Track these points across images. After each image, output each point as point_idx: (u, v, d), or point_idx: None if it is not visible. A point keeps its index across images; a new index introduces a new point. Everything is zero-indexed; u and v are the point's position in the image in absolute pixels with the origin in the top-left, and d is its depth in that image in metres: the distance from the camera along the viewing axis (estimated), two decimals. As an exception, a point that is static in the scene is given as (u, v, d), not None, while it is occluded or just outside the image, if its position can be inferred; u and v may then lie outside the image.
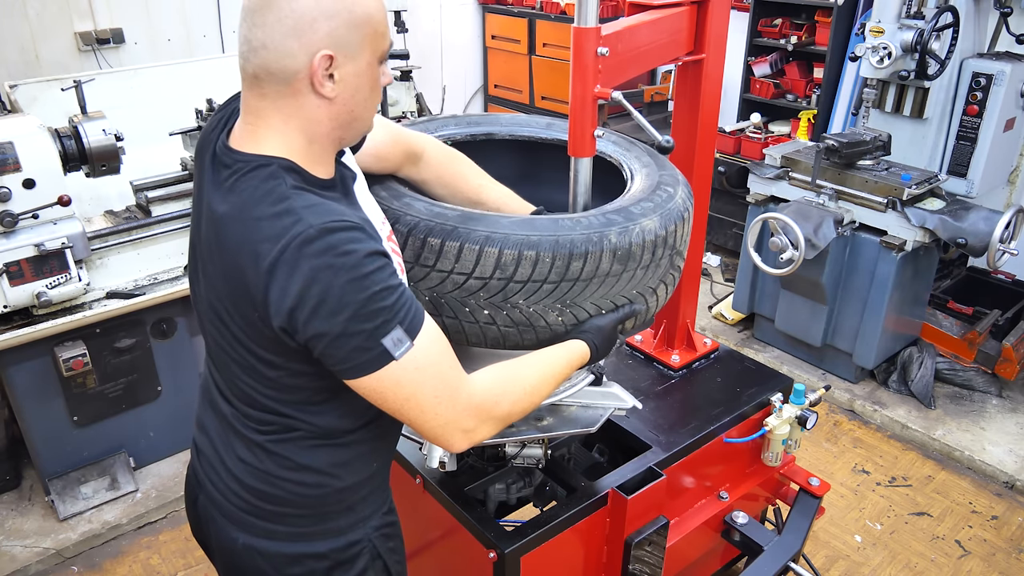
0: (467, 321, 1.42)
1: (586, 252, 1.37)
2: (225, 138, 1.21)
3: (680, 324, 2.39)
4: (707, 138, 2.18)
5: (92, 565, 2.77)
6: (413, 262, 1.39)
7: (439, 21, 5.53)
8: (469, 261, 1.36)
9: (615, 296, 1.47)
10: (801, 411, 2.20)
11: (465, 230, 1.36)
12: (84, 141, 2.49)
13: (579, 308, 1.44)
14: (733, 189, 4.50)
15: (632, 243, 1.42)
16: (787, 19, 4.48)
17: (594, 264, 1.39)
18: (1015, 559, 2.82)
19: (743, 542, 2.21)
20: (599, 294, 1.44)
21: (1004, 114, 3.48)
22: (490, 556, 1.66)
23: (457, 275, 1.37)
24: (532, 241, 1.35)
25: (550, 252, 1.36)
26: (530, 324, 1.43)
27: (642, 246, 1.44)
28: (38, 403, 2.77)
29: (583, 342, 1.45)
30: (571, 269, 1.38)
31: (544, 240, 1.36)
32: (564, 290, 1.40)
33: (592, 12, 1.48)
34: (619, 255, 1.41)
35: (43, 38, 3.76)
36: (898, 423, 3.47)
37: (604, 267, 1.40)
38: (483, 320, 1.42)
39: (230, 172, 1.16)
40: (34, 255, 2.53)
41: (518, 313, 1.41)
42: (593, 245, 1.38)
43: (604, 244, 1.39)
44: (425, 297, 1.42)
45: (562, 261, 1.36)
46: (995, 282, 3.94)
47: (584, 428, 1.69)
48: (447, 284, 1.39)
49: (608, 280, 1.43)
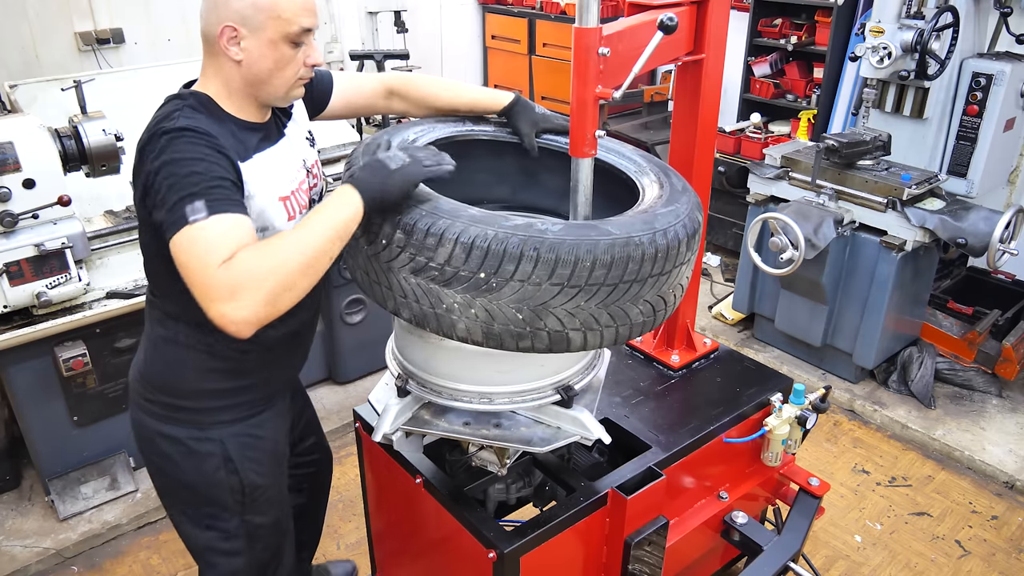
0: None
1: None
2: None
3: (680, 324, 2.39)
4: (707, 138, 2.18)
5: (92, 565, 2.77)
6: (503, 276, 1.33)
7: (439, 21, 5.53)
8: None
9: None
10: (801, 411, 2.20)
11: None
12: (84, 141, 2.49)
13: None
14: (733, 189, 4.50)
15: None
16: (787, 19, 4.48)
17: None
18: (1015, 559, 2.82)
19: (743, 542, 2.21)
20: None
21: (1004, 114, 3.48)
22: (489, 556, 1.66)
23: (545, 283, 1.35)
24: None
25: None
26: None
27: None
28: (38, 403, 2.77)
29: (348, 185, 1.41)
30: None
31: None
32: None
33: (593, 12, 1.48)
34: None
35: (43, 38, 3.75)
36: (898, 423, 3.47)
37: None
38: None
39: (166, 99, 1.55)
40: (34, 255, 2.52)
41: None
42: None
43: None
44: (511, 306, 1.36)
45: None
46: (995, 282, 3.94)
47: (531, 447, 1.62)
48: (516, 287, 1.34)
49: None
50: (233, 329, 1.29)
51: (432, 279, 1.35)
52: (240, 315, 1.28)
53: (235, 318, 1.28)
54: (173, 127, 1.42)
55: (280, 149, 1.63)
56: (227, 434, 1.67)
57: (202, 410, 1.66)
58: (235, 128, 1.53)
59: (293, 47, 1.51)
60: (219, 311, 1.29)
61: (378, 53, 3.91)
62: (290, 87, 1.56)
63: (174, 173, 1.37)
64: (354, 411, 2.10)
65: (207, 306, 1.30)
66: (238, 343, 1.43)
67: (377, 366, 3.69)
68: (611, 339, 1.43)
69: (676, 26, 1.58)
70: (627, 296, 1.38)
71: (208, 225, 1.34)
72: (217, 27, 1.47)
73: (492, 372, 1.59)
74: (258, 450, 1.72)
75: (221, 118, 1.52)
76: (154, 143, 1.42)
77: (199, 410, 1.66)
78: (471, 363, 1.59)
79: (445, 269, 1.33)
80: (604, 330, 1.40)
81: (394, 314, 1.48)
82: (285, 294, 1.32)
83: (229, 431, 1.67)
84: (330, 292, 3.41)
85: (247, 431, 1.69)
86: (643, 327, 1.47)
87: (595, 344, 1.43)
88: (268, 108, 1.63)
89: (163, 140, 1.41)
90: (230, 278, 1.29)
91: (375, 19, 4.38)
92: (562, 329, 1.37)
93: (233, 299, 1.28)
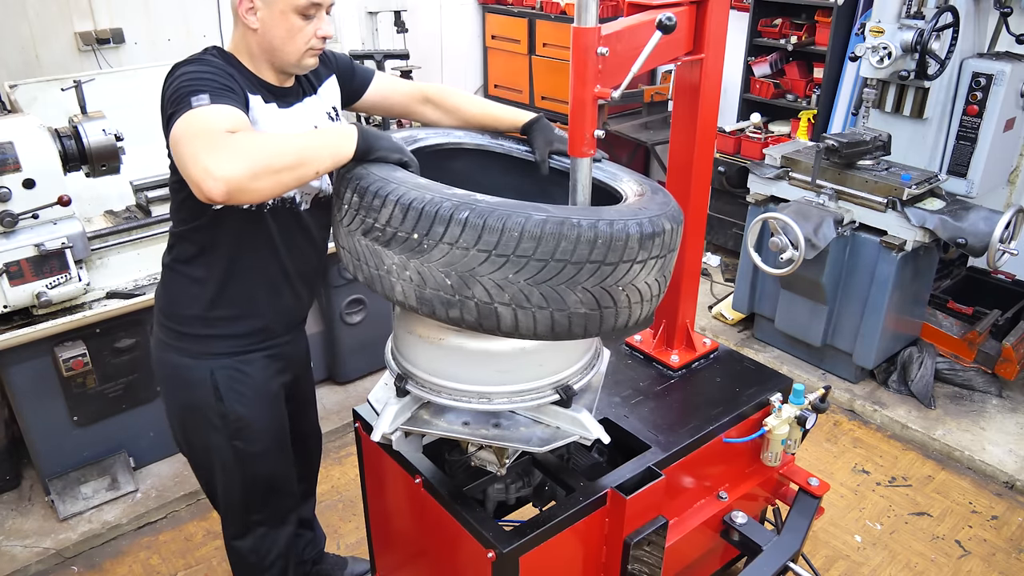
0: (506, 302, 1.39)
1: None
2: None
3: (680, 324, 2.39)
4: (707, 138, 2.18)
5: (92, 565, 2.77)
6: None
7: (439, 21, 5.53)
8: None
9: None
10: (800, 411, 2.20)
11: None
12: (84, 141, 2.49)
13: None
14: (733, 189, 4.50)
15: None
16: (787, 19, 4.48)
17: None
18: (1015, 559, 2.82)
19: (742, 542, 2.21)
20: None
21: (1004, 114, 3.48)
22: (489, 556, 1.66)
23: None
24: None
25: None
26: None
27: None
28: (38, 403, 2.77)
29: (353, 125, 1.56)
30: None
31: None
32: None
33: (592, 12, 1.47)
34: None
35: (43, 38, 3.75)
36: (898, 423, 3.47)
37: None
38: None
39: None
40: (34, 255, 2.53)
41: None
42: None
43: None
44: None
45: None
46: (995, 282, 3.94)
47: (529, 446, 1.62)
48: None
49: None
50: (210, 184, 1.35)
51: (376, 239, 1.43)
52: (221, 171, 1.35)
53: (216, 172, 1.35)
54: (190, 59, 1.64)
55: (293, 112, 1.78)
56: (216, 366, 1.86)
57: (197, 337, 1.85)
58: (252, 83, 1.70)
59: (303, 19, 1.65)
60: (204, 164, 1.36)
61: (378, 53, 3.91)
62: (301, 56, 1.70)
63: (184, 80, 1.53)
64: (354, 411, 2.10)
65: (194, 161, 1.38)
66: (223, 269, 1.76)
67: (377, 366, 3.69)
68: (547, 324, 1.40)
69: (675, 26, 1.58)
70: (560, 277, 1.36)
71: (211, 108, 1.47)
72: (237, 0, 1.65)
73: (491, 372, 1.59)
74: (244, 384, 1.89)
75: (242, 72, 1.70)
76: (174, 71, 1.60)
77: (195, 337, 1.85)
78: (470, 362, 1.58)
79: (386, 229, 1.40)
80: (537, 311, 1.38)
81: (355, 278, 1.55)
82: (266, 176, 1.40)
83: (218, 363, 1.86)
84: (330, 292, 3.41)
85: (234, 366, 1.87)
86: (587, 321, 1.42)
87: (528, 327, 1.40)
88: (289, 76, 1.78)
89: (182, 67, 1.59)
90: (224, 141, 1.40)
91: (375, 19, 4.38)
92: (490, 301, 1.37)
93: (220, 155, 1.37)
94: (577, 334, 1.44)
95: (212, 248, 1.78)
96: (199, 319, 1.84)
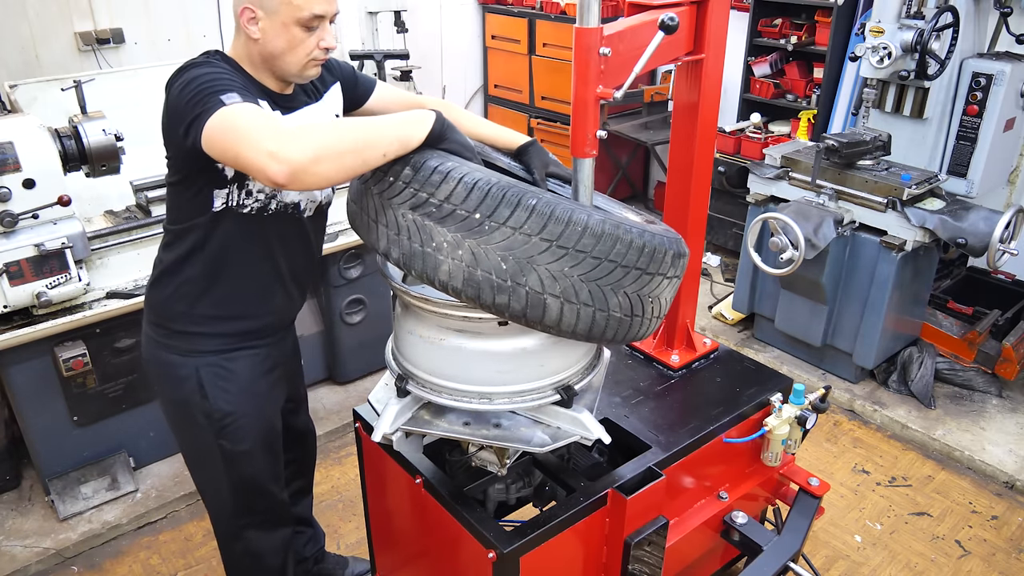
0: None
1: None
2: None
3: (680, 324, 2.39)
4: (707, 138, 2.18)
5: (92, 565, 2.77)
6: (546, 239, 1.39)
7: (439, 21, 5.53)
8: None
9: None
10: (801, 411, 2.20)
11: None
12: (84, 141, 2.49)
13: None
14: (733, 189, 4.50)
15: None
16: (787, 19, 4.48)
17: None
18: (1015, 559, 2.82)
19: (742, 542, 2.21)
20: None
21: (1004, 114, 3.48)
22: (489, 556, 1.66)
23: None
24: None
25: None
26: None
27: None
28: (38, 403, 2.77)
29: (431, 112, 1.50)
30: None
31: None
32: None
33: (594, 12, 1.48)
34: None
35: (43, 38, 3.75)
36: (898, 423, 3.47)
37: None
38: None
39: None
40: (34, 255, 2.52)
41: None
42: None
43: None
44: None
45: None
46: (995, 282, 3.94)
47: (530, 447, 1.63)
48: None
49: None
50: (275, 168, 1.35)
51: (428, 215, 1.40)
52: (286, 153, 1.34)
53: (281, 155, 1.34)
54: (194, 63, 1.62)
55: (297, 118, 1.77)
56: (202, 363, 1.85)
57: (185, 334, 1.84)
58: (256, 88, 1.70)
59: (306, 31, 1.65)
60: (267, 148, 1.36)
61: (378, 53, 3.91)
62: (303, 67, 1.70)
63: (206, 80, 1.53)
64: (354, 411, 2.10)
65: (255, 147, 1.37)
66: (216, 269, 1.77)
67: (377, 366, 3.69)
68: (587, 322, 1.43)
69: (677, 26, 1.58)
70: (610, 278, 1.41)
71: (247, 105, 1.48)
72: (239, 7, 1.65)
73: (492, 372, 1.59)
74: (228, 381, 1.88)
75: (245, 77, 1.69)
76: (179, 74, 1.59)
77: (183, 334, 1.84)
78: (471, 363, 1.59)
79: (444, 206, 1.38)
80: (581, 308, 1.41)
81: (384, 255, 1.51)
82: (328, 160, 1.38)
83: (204, 360, 1.85)
84: (330, 292, 3.41)
85: (219, 363, 1.86)
86: (618, 325, 1.47)
87: (570, 322, 1.42)
88: (289, 84, 1.78)
89: (189, 71, 1.58)
90: (283, 127, 1.41)
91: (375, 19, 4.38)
92: (542, 291, 1.38)
93: (281, 139, 1.37)
94: (608, 337, 1.49)
95: (207, 248, 1.78)
96: (188, 317, 1.83)
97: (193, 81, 1.53)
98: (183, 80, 1.56)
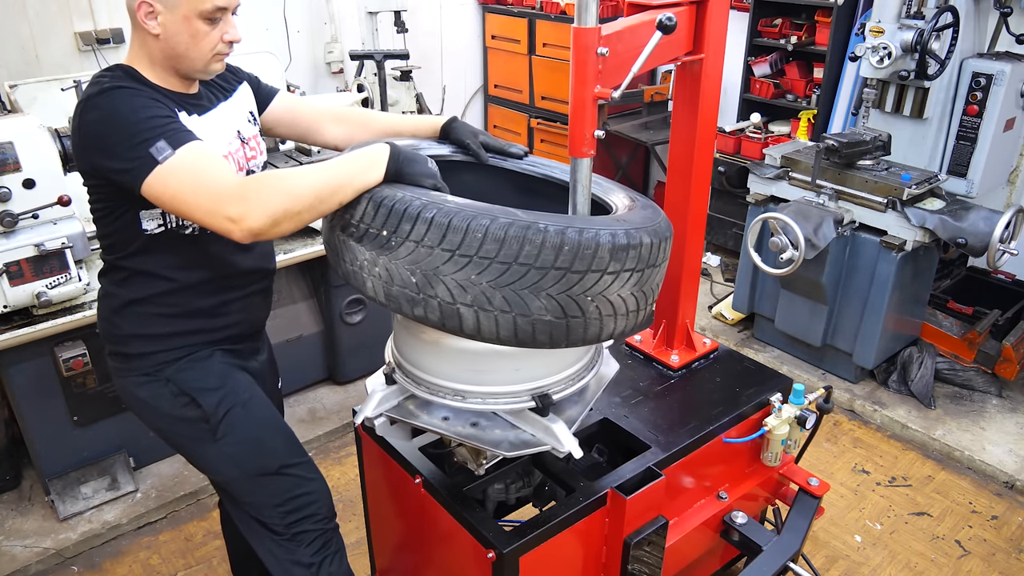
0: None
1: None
2: None
3: (679, 324, 2.39)
4: (707, 138, 2.18)
5: (92, 565, 2.77)
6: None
7: (439, 21, 5.52)
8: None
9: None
10: (800, 411, 2.20)
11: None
12: (84, 141, 2.49)
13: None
14: (733, 189, 4.50)
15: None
16: (787, 19, 4.48)
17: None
18: (1015, 559, 2.82)
19: (742, 542, 2.21)
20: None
21: (1004, 114, 3.48)
22: (489, 556, 1.66)
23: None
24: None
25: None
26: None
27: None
28: (38, 403, 2.77)
29: (385, 147, 1.51)
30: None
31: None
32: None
33: (592, 12, 1.47)
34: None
35: (43, 38, 3.75)
36: (898, 423, 3.47)
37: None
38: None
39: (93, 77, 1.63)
40: (34, 255, 2.53)
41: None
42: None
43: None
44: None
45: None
46: (995, 282, 3.94)
47: (499, 449, 1.61)
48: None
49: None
50: (238, 234, 1.40)
51: (350, 235, 1.46)
52: (246, 222, 1.39)
53: (242, 224, 1.39)
54: (105, 88, 1.53)
55: (210, 119, 1.72)
56: (170, 372, 1.77)
57: (142, 355, 1.77)
58: (160, 95, 1.61)
59: (208, 23, 1.59)
60: (225, 215, 1.39)
61: (378, 53, 3.91)
62: (208, 61, 1.64)
63: (120, 124, 1.47)
64: (354, 411, 2.10)
65: (215, 211, 1.40)
66: (164, 290, 1.71)
67: (377, 366, 3.64)
68: (510, 329, 1.38)
69: (675, 26, 1.58)
70: (523, 282, 1.34)
71: (183, 154, 1.46)
72: (134, 2, 1.56)
73: (467, 370, 1.59)
74: (201, 370, 1.80)
75: (147, 86, 1.62)
76: (90, 106, 1.52)
77: (140, 356, 1.77)
78: (447, 359, 1.60)
79: (360, 226, 1.43)
80: (499, 315, 1.37)
81: (339, 275, 1.57)
82: (287, 220, 1.43)
83: (171, 369, 1.78)
84: (330, 292, 3.41)
85: (188, 364, 1.79)
86: (552, 329, 1.39)
87: (491, 330, 1.39)
88: (194, 82, 1.72)
89: (99, 99, 1.51)
90: (243, 186, 1.42)
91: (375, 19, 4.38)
92: (452, 302, 1.37)
93: (237, 207, 1.39)
94: (543, 342, 1.41)
95: (150, 272, 1.71)
96: (142, 338, 1.76)
97: (112, 119, 1.48)
98: (100, 114, 1.50)
